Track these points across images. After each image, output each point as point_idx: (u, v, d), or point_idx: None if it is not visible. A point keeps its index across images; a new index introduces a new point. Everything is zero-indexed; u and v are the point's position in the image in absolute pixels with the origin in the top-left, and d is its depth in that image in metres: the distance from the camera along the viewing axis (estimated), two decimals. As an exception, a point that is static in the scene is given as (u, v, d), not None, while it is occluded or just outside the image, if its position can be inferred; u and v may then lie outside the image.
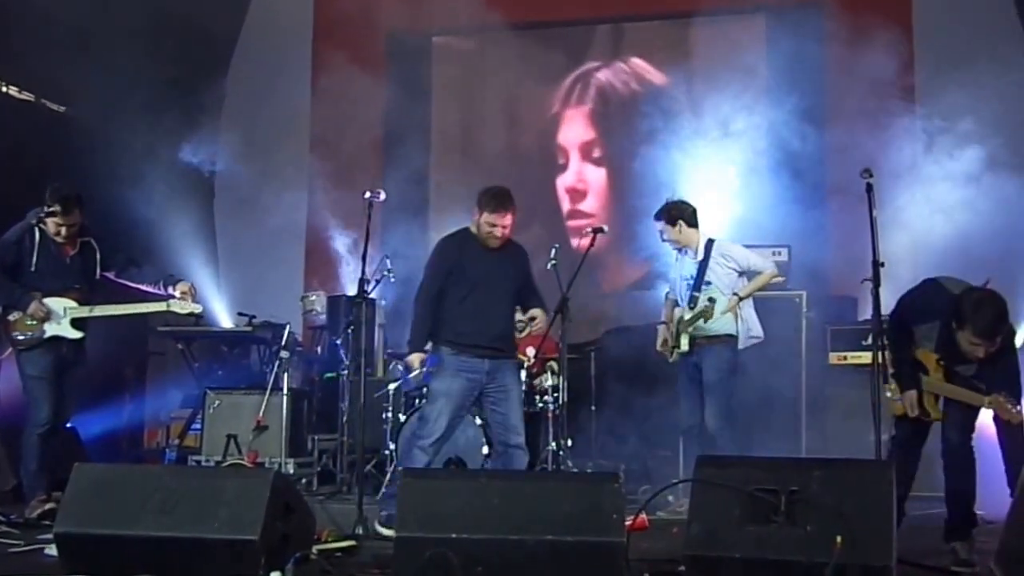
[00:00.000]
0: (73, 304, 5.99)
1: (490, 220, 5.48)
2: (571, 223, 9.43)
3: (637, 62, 9.52)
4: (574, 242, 8.68)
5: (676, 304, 6.44)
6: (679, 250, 6.40)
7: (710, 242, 6.32)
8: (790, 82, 8.56)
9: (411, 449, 5.57)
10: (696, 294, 6.20)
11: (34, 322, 5.90)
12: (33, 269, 5.91)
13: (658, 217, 6.38)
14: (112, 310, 6.12)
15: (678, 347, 6.26)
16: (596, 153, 9.63)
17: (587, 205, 9.55)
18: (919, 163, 7.48)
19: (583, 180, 9.62)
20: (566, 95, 9.71)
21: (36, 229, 5.92)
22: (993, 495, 5.51)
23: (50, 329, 5.93)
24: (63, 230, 5.94)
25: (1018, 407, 4.65)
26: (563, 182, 9.67)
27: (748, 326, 6.22)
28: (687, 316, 6.21)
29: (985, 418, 5.21)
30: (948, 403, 4.87)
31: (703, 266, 6.24)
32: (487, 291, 5.54)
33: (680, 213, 6.32)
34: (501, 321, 5.59)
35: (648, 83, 9.45)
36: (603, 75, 9.62)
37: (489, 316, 5.52)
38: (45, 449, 5.91)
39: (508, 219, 5.51)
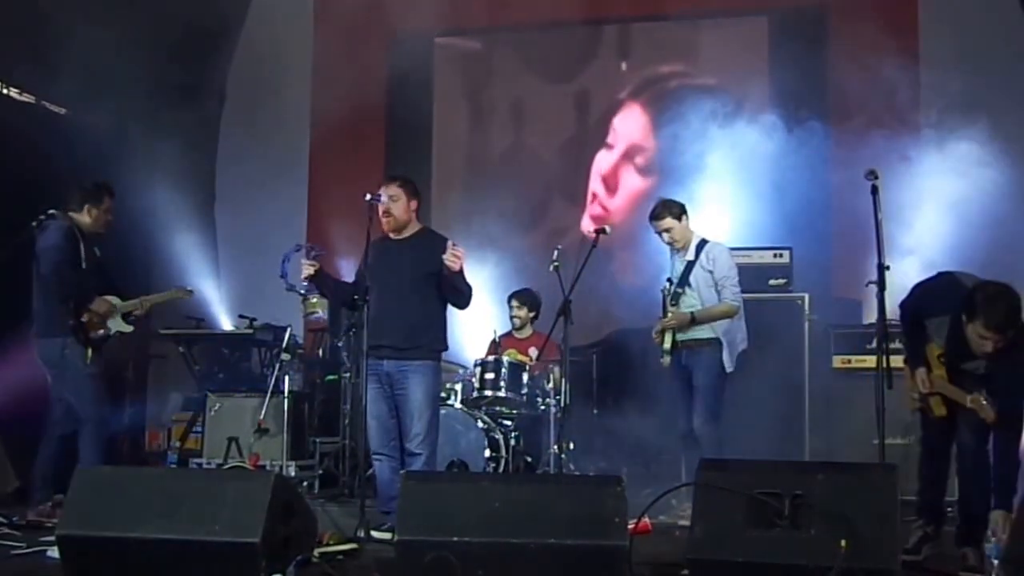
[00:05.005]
0: (119, 300, 6.08)
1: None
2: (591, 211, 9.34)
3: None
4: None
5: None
6: (674, 249, 6.32)
7: (703, 242, 6.25)
8: (793, 83, 8.55)
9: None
10: (679, 290, 6.16)
11: (101, 320, 5.96)
12: (84, 267, 5.96)
13: (660, 215, 6.23)
14: (153, 300, 6.39)
15: (663, 346, 6.21)
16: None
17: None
18: (925, 164, 7.46)
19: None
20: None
21: (74, 227, 5.95)
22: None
23: (112, 326, 6.00)
24: (110, 218, 6.08)
25: (993, 407, 4.56)
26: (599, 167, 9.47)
27: (732, 338, 6.15)
28: (666, 316, 6.18)
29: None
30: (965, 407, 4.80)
31: (691, 266, 6.19)
32: (380, 288, 5.47)
33: (683, 208, 6.26)
34: (398, 319, 5.49)
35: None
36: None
37: (382, 314, 5.45)
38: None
39: (390, 190, 5.50)
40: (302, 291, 5.87)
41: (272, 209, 9.42)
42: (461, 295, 5.64)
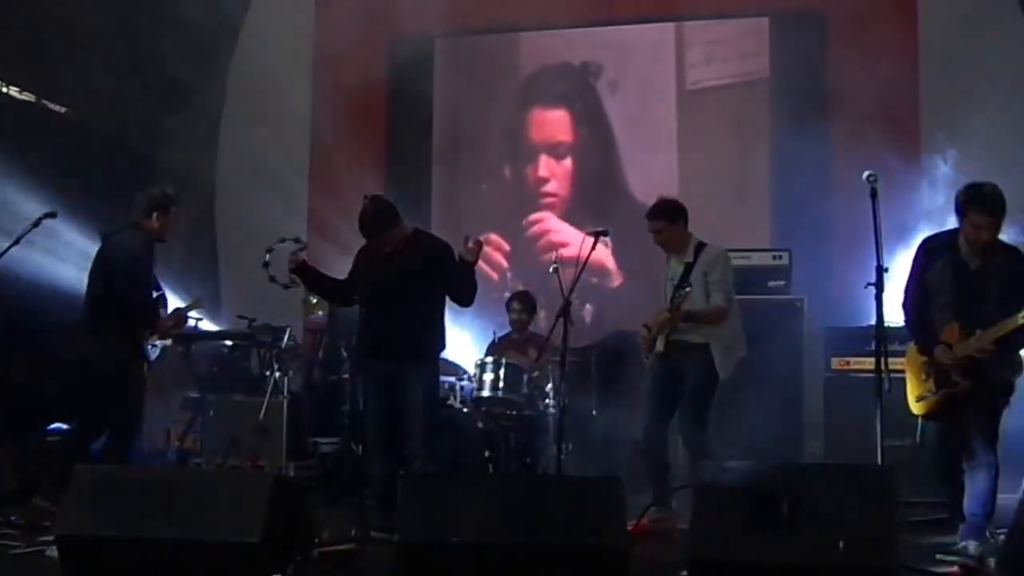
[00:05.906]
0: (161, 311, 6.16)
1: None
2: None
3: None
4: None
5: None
6: (669, 251, 6.24)
7: (701, 245, 6.16)
8: (793, 85, 8.55)
9: None
10: (680, 292, 6.11)
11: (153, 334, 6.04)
12: (152, 279, 5.99)
13: (658, 215, 6.12)
14: (183, 311, 6.54)
15: (654, 349, 6.17)
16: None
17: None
18: (924, 165, 7.47)
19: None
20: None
21: (148, 238, 5.95)
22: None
23: (159, 340, 6.05)
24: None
25: None
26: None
27: (726, 344, 6.04)
28: (672, 313, 6.13)
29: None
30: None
31: (689, 268, 6.10)
32: (378, 293, 5.52)
33: (683, 212, 6.17)
34: (397, 321, 5.52)
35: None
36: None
37: (381, 317, 5.50)
38: None
39: (386, 236, 5.54)
40: (285, 284, 5.89)
41: (272, 208, 9.42)
42: (470, 290, 5.66)
